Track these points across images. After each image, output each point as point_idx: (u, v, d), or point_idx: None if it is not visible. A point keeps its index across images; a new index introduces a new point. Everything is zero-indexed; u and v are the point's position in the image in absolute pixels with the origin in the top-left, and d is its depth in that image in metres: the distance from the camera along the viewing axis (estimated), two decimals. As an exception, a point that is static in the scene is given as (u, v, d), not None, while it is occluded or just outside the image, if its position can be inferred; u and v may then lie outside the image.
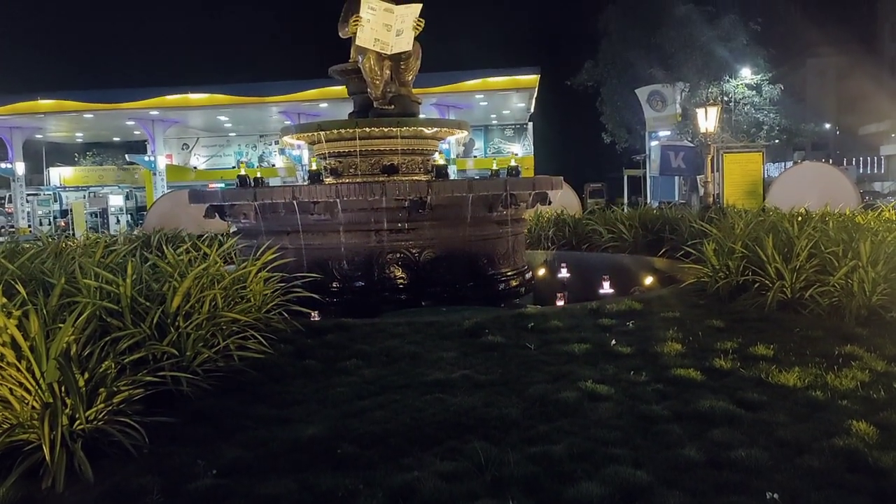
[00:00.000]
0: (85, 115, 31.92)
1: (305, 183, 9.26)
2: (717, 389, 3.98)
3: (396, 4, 8.10)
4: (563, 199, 11.93)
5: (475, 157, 35.55)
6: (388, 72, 8.45)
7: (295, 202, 7.26)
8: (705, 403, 3.69)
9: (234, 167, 35.94)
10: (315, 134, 8.42)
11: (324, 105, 30.69)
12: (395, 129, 8.17)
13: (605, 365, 4.49)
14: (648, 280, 8.36)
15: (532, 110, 35.35)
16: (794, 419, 3.53)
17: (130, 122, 33.66)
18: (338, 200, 7.17)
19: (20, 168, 33.26)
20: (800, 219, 7.73)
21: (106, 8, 70.95)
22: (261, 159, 37.80)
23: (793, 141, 28.31)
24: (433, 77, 25.85)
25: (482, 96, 30.90)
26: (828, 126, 41.67)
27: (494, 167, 9.59)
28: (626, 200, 29.97)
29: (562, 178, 8.89)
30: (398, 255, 7.54)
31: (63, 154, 40.39)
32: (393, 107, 8.49)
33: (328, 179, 8.50)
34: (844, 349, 4.64)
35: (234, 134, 39.03)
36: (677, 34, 25.21)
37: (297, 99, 30.35)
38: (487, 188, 7.73)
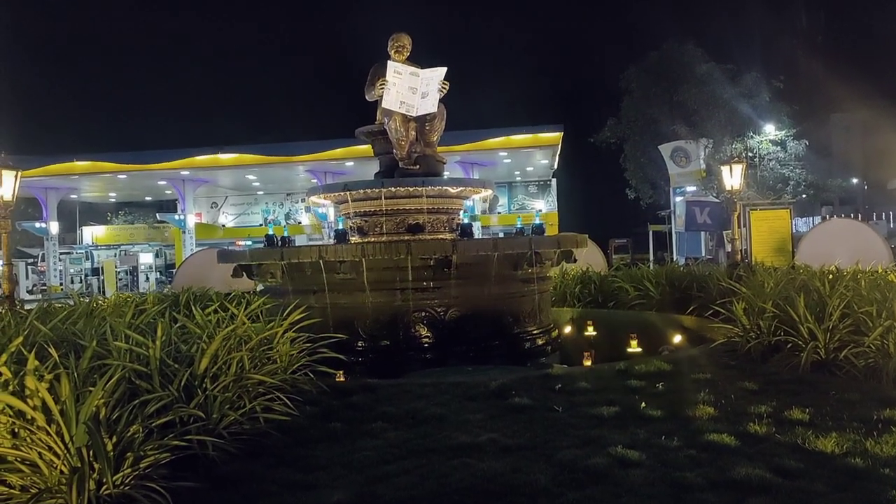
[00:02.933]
0: (119, 176, 32.92)
1: (331, 241, 9.39)
2: (752, 456, 3.87)
3: (422, 68, 8.33)
4: (589, 257, 11.92)
5: (499, 213, 35.80)
6: (413, 133, 8.62)
7: (321, 261, 7.34)
8: (741, 471, 3.58)
9: (261, 225, 36.59)
10: (341, 194, 8.57)
11: (350, 164, 31.31)
12: (420, 189, 8.29)
13: (636, 429, 4.40)
14: (677, 339, 8.24)
15: (556, 167, 35.68)
16: (833, 488, 3.41)
17: (162, 182, 34.61)
18: (363, 260, 7.24)
19: (54, 227, 34.21)
20: (831, 276, 7.61)
21: (140, 72, 73.84)
22: (287, 217, 38.46)
23: (820, 196, 28.13)
24: (457, 135, 26.32)
25: (505, 154, 31.31)
26: (855, 181, 41.36)
27: (519, 224, 9.63)
28: (651, 256, 29.81)
29: (587, 235, 8.90)
30: (424, 314, 7.54)
31: (96, 213, 41.48)
32: (418, 167, 8.63)
33: (354, 238, 8.60)
34: (883, 413, 4.50)
35: (261, 192, 39.88)
36: (699, 91, 25.48)
37: (324, 158, 31.02)
38: (512, 247, 7.75)
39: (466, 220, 8.74)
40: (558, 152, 32.25)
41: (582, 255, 8.93)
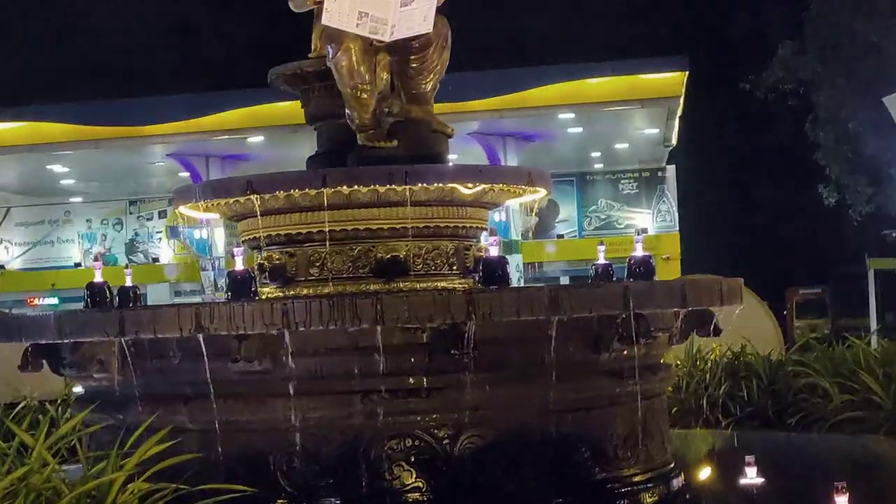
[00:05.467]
0: None
1: (221, 293, 9.42)
2: None
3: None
4: (745, 322, 11.94)
5: (560, 235, 35.84)
6: (385, 75, 8.75)
7: (201, 336, 7.35)
8: None
9: (76, 264, 36.66)
10: (242, 200, 8.62)
11: (255, 139, 31.59)
12: (399, 188, 8.35)
13: None
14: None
15: (674, 142, 35.73)
16: None
17: None
18: (286, 332, 7.25)
19: None
20: None
21: None
22: (132, 247, 38.54)
23: None
24: (477, 80, 26.41)
25: (572, 116, 31.38)
26: None
27: (601, 258, 9.68)
28: (873, 321, 29.76)
29: (741, 280, 8.93)
30: (409, 444, 7.56)
31: None
32: (396, 143, 8.72)
33: (267, 288, 8.66)
34: None
35: (79, 199, 40.01)
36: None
37: (205, 129, 31.14)
38: (589, 304, 7.78)
39: (494, 251, 8.77)
40: (679, 113, 32.34)
41: (732, 319, 8.96)
